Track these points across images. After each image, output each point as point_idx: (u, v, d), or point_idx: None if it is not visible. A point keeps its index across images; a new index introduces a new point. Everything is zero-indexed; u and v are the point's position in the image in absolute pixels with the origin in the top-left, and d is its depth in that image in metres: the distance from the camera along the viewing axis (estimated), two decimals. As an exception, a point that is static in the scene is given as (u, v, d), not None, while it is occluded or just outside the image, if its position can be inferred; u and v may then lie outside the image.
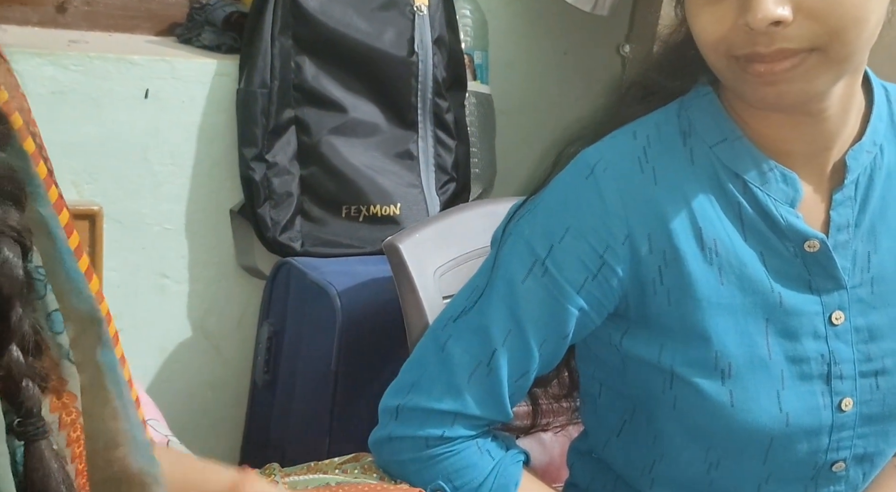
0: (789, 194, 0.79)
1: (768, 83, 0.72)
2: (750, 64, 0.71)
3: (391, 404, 0.84)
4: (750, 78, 0.72)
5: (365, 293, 1.32)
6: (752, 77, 0.72)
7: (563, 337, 0.81)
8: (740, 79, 0.73)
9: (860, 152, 0.81)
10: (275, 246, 1.40)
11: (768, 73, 0.71)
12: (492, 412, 0.82)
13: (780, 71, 0.71)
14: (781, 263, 0.80)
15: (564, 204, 0.79)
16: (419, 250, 1.06)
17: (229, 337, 1.49)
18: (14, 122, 0.50)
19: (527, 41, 1.68)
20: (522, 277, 0.79)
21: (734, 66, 0.73)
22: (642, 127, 0.81)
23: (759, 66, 0.71)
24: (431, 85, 1.47)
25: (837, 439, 0.81)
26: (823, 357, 0.80)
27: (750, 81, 0.73)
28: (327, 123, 1.41)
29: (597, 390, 0.89)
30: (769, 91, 0.73)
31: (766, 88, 0.72)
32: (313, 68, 1.39)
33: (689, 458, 0.82)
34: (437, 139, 1.49)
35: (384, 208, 1.44)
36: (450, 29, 1.49)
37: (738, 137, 0.79)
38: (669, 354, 0.79)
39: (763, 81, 0.72)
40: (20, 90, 0.53)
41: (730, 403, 0.78)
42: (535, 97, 1.70)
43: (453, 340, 0.81)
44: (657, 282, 0.78)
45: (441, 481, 0.82)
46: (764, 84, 0.72)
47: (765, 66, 0.71)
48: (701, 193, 0.79)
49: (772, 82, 0.72)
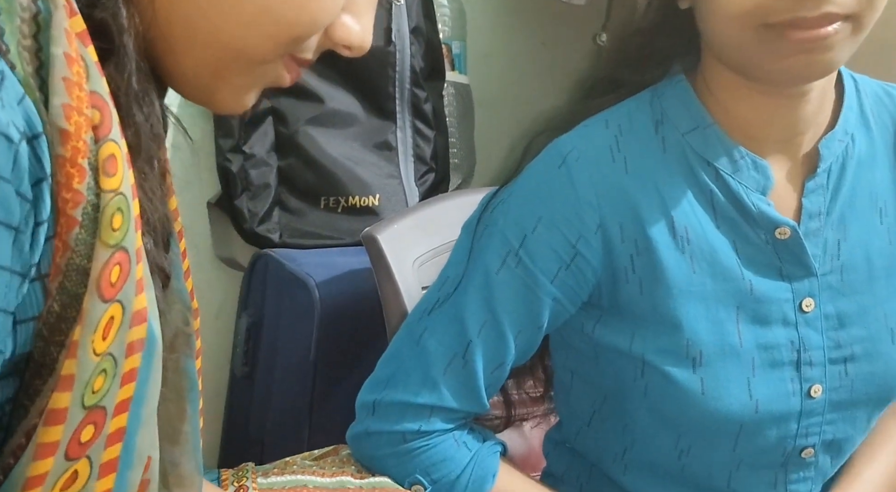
0: (760, 182, 0.80)
1: (805, 51, 0.71)
2: (790, 30, 0.70)
3: (368, 399, 0.84)
4: (784, 46, 0.71)
5: (344, 284, 1.31)
6: (789, 45, 0.71)
7: (537, 327, 0.81)
8: (770, 49, 0.72)
9: (833, 141, 0.81)
10: (253, 238, 1.39)
11: (811, 40, 0.70)
12: (468, 404, 0.82)
13: (823, 36, 0.70)
14: (753, 251, 0.80)
15: (537, 194, 0.79)
16: (398, 241, 1.06)
17: (207, 329, 1.48)
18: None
19: (504, 31, 1.68)
20: (497, 267, 0.79)
21: (765, 35, 0.71)
22: (614, 116, 0.81)
23: (801, 32, 0.70)
24: (409, 75, 1.46)
25: (806, 425, 0.81)
26: (793, 344, 0.80)
27: (781, 51, 0.71)
28: (304, 114, 1.40)
29: (569, 379, 0.89)
30: (801, 60, 0.72)
31: (799, 57, 0.71)
32: (290, 58, 1.38)
33: (659, 445, 0.83)
34: (416, 129, 1.49)
35: (363, 199, 1.44)
36: (427, 18, 1.48)
37: (710, 124, 0.80)
38: (641, 342, 0.80)
39: (800, 49, 0.71)
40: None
41: (700, 390, 0.78)
42: (513, 87, 1.70)
43: (428, 333, 0.81)
44: (629, 270, 0.79)
45: (419, 474, 0.82)
46: (800, 52, 0.71)
47: (807, 33, 0.70)
48: (673, 182, 0.79)
49: (808, 50, 0.71)
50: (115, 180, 0.42)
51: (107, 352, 0.43)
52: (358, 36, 0.50)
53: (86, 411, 0.43)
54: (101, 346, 0.43)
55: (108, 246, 0.42)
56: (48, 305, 0.42)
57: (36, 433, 0.42)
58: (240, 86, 0.50)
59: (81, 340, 0.42)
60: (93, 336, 0.42)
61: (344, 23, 0.49)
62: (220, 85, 0.49)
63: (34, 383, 0.43)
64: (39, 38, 0.40)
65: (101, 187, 0.42)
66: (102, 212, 0.42)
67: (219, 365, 1.49)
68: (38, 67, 0.40)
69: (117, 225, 0.42)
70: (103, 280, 0.42)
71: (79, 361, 0.42)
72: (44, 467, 0.42)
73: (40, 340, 0.42)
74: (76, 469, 0.44)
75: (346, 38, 0.50)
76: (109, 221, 0.42)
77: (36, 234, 0.40)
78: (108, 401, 0.44)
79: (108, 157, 0.42)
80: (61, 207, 0.41)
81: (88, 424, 0.44)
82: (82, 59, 0.41)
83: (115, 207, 0.42)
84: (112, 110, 0.43)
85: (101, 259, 0.42)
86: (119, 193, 0.42)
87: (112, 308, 0.43)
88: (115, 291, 0.43)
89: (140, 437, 0.48)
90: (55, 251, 0.41)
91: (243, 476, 0.83)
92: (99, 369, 0.43)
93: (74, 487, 0.45)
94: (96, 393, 0.44)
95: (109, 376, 0.44)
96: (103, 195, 0.42)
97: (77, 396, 0.42)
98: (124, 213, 0.43)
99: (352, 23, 0.50)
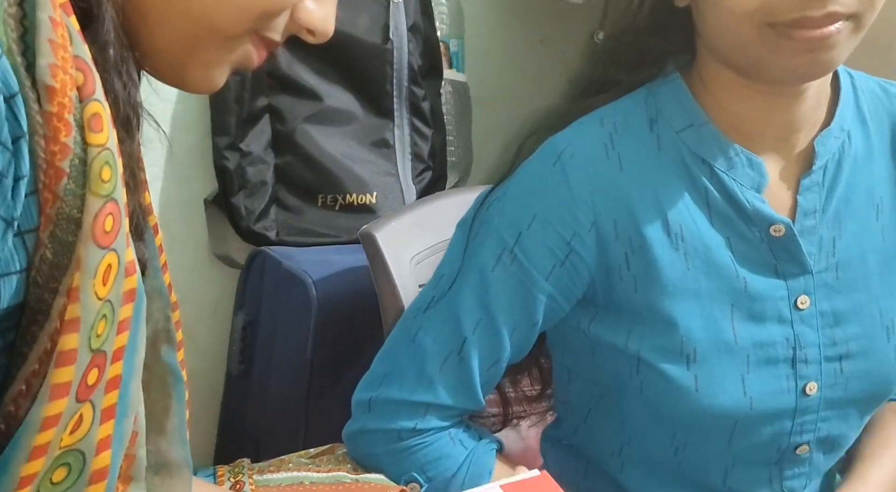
0: (755, 179, 0.80)
1: (809, 50, 0.71)
2: (795, 30, 0.70)
3: (363, 397, 0.84)
4: (788, 45, 0.71)
5: (341, 282, 1.31)
6: (793, 44, 0.71)
7: (532, 324, 0.81)
8: (774, 48, 0.72)
9: (828, 138, 0.81)
10: (249, 235, 1.39)
11: (816, 39, 0.70)
12: (464, 402, 0.82)
13: (827, 35, 0.70)
14: (748, 248, 0.80)
15: (531, 191, 0.79)
16: (395, 239, 1.06)
17: (204, 327, 1.48)
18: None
19: (503, 30, 1.67)
20: (492, 265, 0.79)
21: (769, 34, 0.71)
22: (609, 114, 0.81)
23: (806, 31, 0.70)
24: (407, 73, 1.46)
25: (801, 422, 0.81)
26: (788, 341, 0.80)
27: (785, 50, 0.72)
28: (302, 112, 1.40)
29: (566, 376, 0.90)
30: (805, 59, 0.72)
31: (803, 56, 0.72)
32: (287, 56, 1.38)
33: (656, 441, 0.83)
34: (414, 127, 1.49)
35: (360, 197, 1.44)
36: (425, 16, 1.48)
37: (705, 122, 0.80)
38: (636, 339, 0.80)
39: (805, 48, 0.71)
40: None
41: (694, 387, 0.78)
42: (511, 85, 1.69)
43: (424, 331, 0.81)
44: (624, 268, 0.79)
45: (415, 472, 0.82)
46: (804, 51, 0.71)
47: (812, 32, 0.70)
48: (667, 179, 0.79)
49: (812, 50, 0.71)
50: (102, 136, 0.44)
51: (106, 298, 0.45)
52: (320, 20, 0.53)
53: (92, 354, 0.45)
54: (103, 291, 0.45)
55: (99, 196, 0.44)
56: (41, 253, 0.44)
57: (49, 374, 0.44)
58: (210, 62, 0.52)
59: (82, 284, 0.44)
60: (93, 280, 0.44)
61: (307, 6, 0.53)
62: (191, 61, 0.51)
63: (31, 330, 0.44)
64: (24, 6, 0.42)
65: (88, 142, 0.43)
66: (90, 165, 0.44)
67: (215, 363, 1.48)
68: (23, 34, 0.42)
69: (107, 177, 0.44)
70: (97, 228, 0.44)
71: (82, 304, 0.44)
72: (58, 408, 0.44)
73: (35, 287, 0.44)
74: (81, 413, 0.46)
75: (309, 22, 0.53)
76: (98, 173, 0.44)
77: (17, 187, 0.42)
78: (108, 346, 0.47)
79: (92, 115, 0.44)
80: (49, 159, 0.42)
81: (94, 367, 0.46)
82: (66, 26, 0.43)
83: (104, 160, 0.44)
84: (95, 75, 0.45)
85: (94, 208, 0.44)
86: (106, 148, 0.44)
87: (109, 256, 0.45)
88: (110, 240, 0.45)
89: (133, 386, 0.50)
90: (44, 203, 0.43)
91: (239, 472, 0.83)
92: (101, 313, 0.45)
93: (80, 430, 0.46)
94: (100, 337, 0.46)
95: (109, 322, 0.46)
96: (90, 149, 0.44)
97: (84, 338, 0.44)
98: (112, 167, 0.45)
99: (314, 7, 0.53)
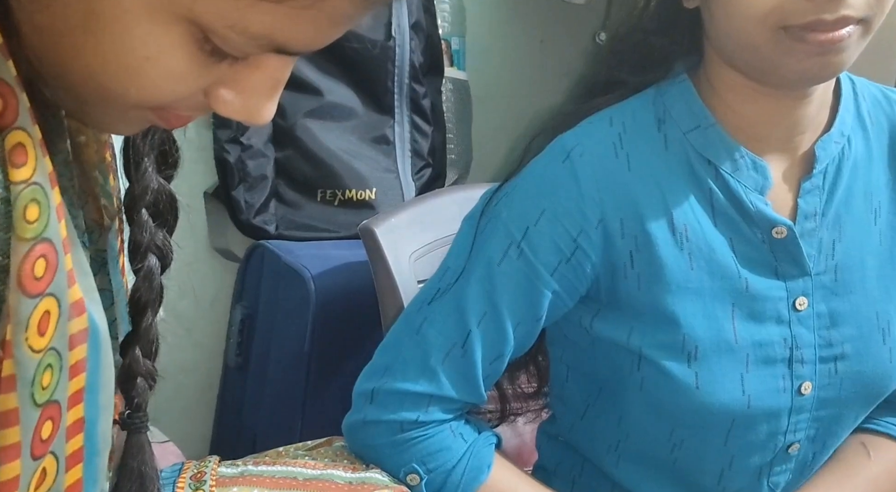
0: (759, 182, 0.81)
1: (821, 53, 0.72)
2: (809, 33, 0.71)
3: (366, 388, 0.84)
4: (801, 48, 0.72)
5: (339, 277, 1.32)
6: (805, 47, 0.72)
7: (536, 319, 0.82)
8: (786, 51, 0.73)
9: (829, 142, 0.82)
10: (249, 229, 1.39)
11: (829, 42, 0.71)
12: (466, 394, 0.82)
13: (839, 39, 0.71)
14: (749, 249, 0.81)
15: (540, 187, 0.80)
16: (394, 235, 1.06)
17: (202, 320, 1.48)
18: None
19: (503, 28, 1.68)
20: (498, 259, 0.80)
21: (782, 37, 0.72)
22: (618, 114, 0.82)
23: (819, 35, 0.71)
24: (408, 70, 1.46)
25: (795, 421, 0.83)
26: (786, 341, 0.81)
27: (798, 53, 0.72)
28: (303, 107, 1.40)
29: (565, 372, 0.90)
30: (816, 62, 0.73)
31: (815, 59, 0.72)
32: (289, 51, 1.38)
33: (653, 438, 0.84)
34: (414, 124, 1.49)
35: (360, 193, 1.44)
36: (427, 14, 1.48)
37: (712, 124, 0.81)
38: (638, 336, 0.81)
39: (817, 51, 0.72)
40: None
41: (695, 385, 0.79)
42: (511, 84, 1.70)
43: (428, 323, 0.82)
44: (628, 266, 0.80)
45: (415, 464, 0.82)
46: (816, 54, 0.72)
47: (825, 35, 0.71)
48: (673, 180, 0.80)
49: (824, 53, 0.72)
50: (26, 170, 0.40)
51: (48, 347, 0.42)
52: (235, 111, 0.45)
53: (40, 408, 0.42)
54: (40, 342, 0.42)
55: (24, 240, 0.40)
56: None
57: None
58: (109, 121, 0.47)
59: (14, 338, 0.40)
60: (26, 334, 0.41)
61: (219, 95, 0.45)
62: (89, 111, 0.46)
63: None
64: None
65: (11, 180, 0.40)
66: (14, 205, 0.40)
67: (212, 355, 1.49)
68: None
69: (33, 217, 0.40)
70: (24, 275, 0.40)
71: (16, 360, 0.41)
72: (13, 471, 0.41)
73: None
74: (44, 467, 0.44)
75: (226, 114, 0.45)
76: (22, 213, 0.40)
77: None
78: (59, 395, 0.44)
79: (14, 146, 0.40)
80: None
81: (46, 420, 0.43)
82: None
83: (29, 198, 0.40)
84: (20, 95, 0.41)
85: (20, 253, 0.40)
86: (32, 184, 0.40)
87: (44, 303, 0.41)
88: (42, 286, 0.41)
89: (101, 423, 0.48)
90: None
91: (204, 466, 0.82)
92: (43, 365, 0.42)
93: (45, 484, 0.44)
94: (46, 389, 0.43)
95: (56, 370, 0.43)
96: (13, 188, 0.40)
97: (25, 394, 0.41)
98: (41, 203, 0.41)
99: (230, 97, 0.45)
